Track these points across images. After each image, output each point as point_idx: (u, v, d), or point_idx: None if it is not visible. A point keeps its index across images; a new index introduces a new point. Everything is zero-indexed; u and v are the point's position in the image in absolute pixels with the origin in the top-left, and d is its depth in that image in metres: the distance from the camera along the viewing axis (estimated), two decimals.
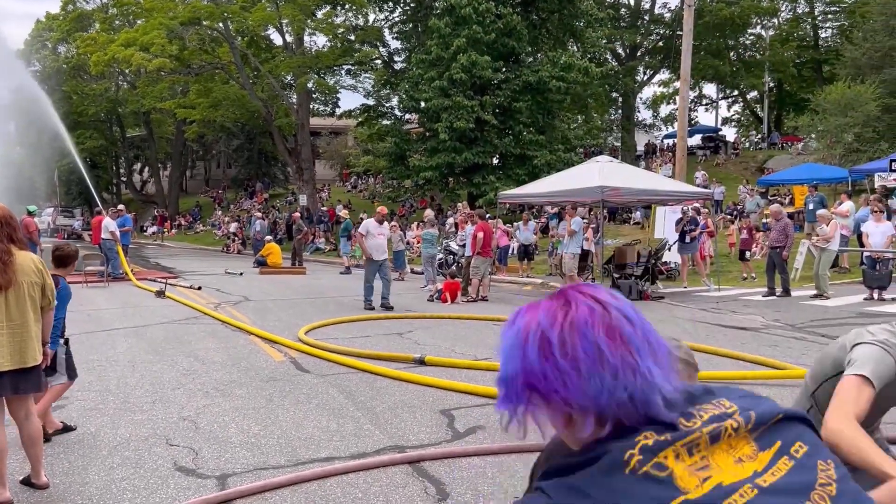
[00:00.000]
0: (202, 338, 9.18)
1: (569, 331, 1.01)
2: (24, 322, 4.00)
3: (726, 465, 0.99)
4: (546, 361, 1.01)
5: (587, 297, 1.05)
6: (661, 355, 1.04)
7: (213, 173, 58.85)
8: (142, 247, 33.60)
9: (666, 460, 0.97)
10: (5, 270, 3.92)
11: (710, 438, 1.00)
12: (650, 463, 0.96)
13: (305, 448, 4.89)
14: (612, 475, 0.96)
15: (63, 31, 41.99)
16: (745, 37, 40.77)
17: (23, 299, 4.01)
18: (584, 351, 1.00)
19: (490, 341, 9.11)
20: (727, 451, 1.01)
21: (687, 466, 0.97)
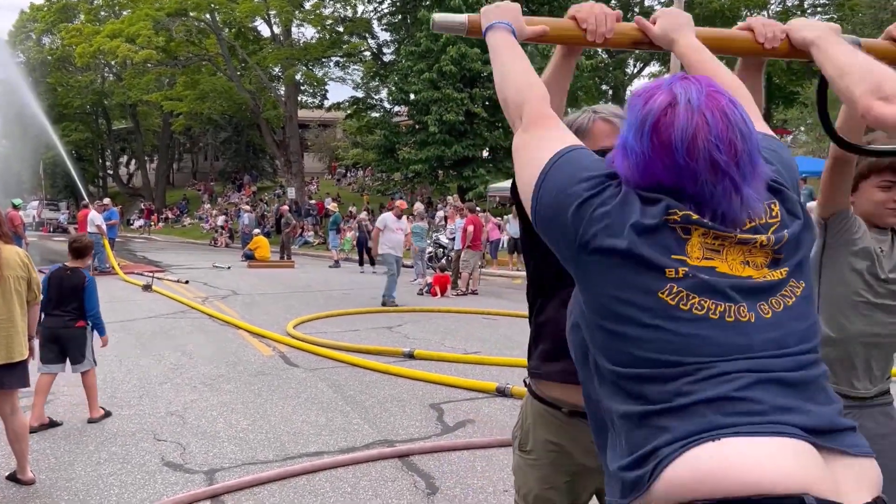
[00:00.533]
0: (190, 332, 9.13)
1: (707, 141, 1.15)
2: (10, 317, 3.99)
3: (732, 260, 1.19)
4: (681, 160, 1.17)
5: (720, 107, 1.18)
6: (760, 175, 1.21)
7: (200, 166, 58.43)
8: (128, 240, 33.35)
9: (694, 231, 1.18)
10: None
11: (737, 241, 1.19)
12: (681, 225, 1.18)
13: (294, 443, 4.87)
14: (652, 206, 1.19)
15: (48, 22, 41.42)
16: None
17: (9, 294, 4.00)
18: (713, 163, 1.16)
19: (480, 335, 9.12)
20: (742, 252, 1.20)
21: (703, 242, 1.18)
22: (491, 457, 4.58)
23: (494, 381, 6.28)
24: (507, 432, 5.05)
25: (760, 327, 1.16)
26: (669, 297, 1.15)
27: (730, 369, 1.12)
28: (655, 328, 1.15)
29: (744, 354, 1.13)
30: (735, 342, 1.14)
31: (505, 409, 5.65)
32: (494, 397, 5.95)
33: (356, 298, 12.74)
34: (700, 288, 1.15)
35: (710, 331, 1.14)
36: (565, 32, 1.68)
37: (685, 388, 1.12)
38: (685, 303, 1.15)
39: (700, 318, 1.14)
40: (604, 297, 1.20)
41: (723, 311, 1.15)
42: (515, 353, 7.79)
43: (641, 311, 1.16)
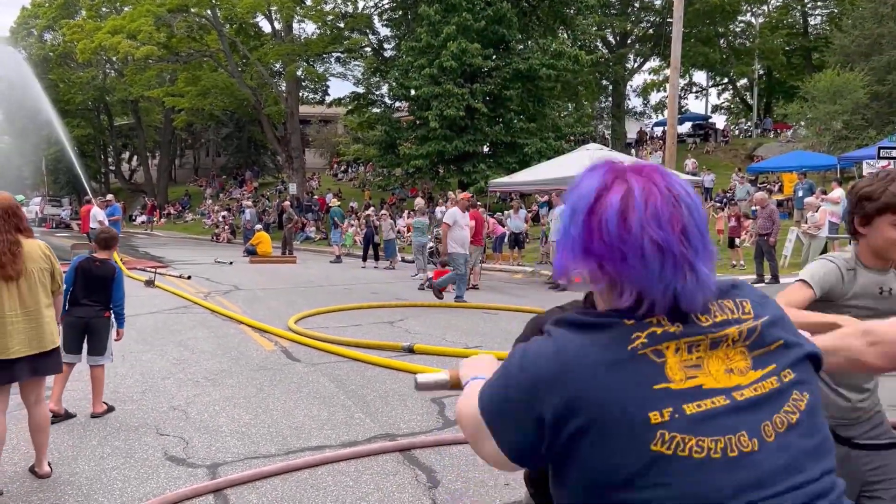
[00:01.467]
0: (192, 327, 9.16)
1: (644, 216, 1.08)
2: (38, 308, 4.09)
3: (717, 372, 1.10)
4: (616, 238, 1.08)
5: (659, 184, 1.11)
6: (711, 253, 1.12)
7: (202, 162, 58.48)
8: (131, 236, 33.40)
9: (666, 350, 1.09)
10: (15, 261, 3.99)
11: (710, 343, 1.10)
12: (651, 348, 1.08)
13: (296, 437, 4.90)
14: (617, 344, 1.08)
15: (49, 19, 41.46)
16: (735, 24, 40.77)
17: (35, 286, 4.10)
18: (653, 239, 1.07)
19: (480, 329, 9.14)
20: (722, 360, 1.11)
21: (681, 361, 1.09)
22: None
23: None
24: None
25: (767, 455, 1.07)
26: (664, 447, 1.04)
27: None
28: (656, 487, 1.04)
29: (753, 492, 1.05)
30: (742, 480, 1.05)
31: None
32: None
33: (358, 293, 12.77)
34: (692, 426, 1.05)
35: (715, 474, 1.04)
36: None
37: None
38: (682, 449, 1.04)
39: (702, 463, 1.04)
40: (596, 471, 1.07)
41: (723, 447, 1.05)
42: None
43: (637, 475, 1.04)
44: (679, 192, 1.11)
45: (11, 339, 3.95)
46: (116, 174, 54.00)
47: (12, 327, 3.96)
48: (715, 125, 43.86)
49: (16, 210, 4.09)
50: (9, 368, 4.00)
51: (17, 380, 4.07)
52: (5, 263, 3.93)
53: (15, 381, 4.08)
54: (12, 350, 3.95)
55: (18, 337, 3.98)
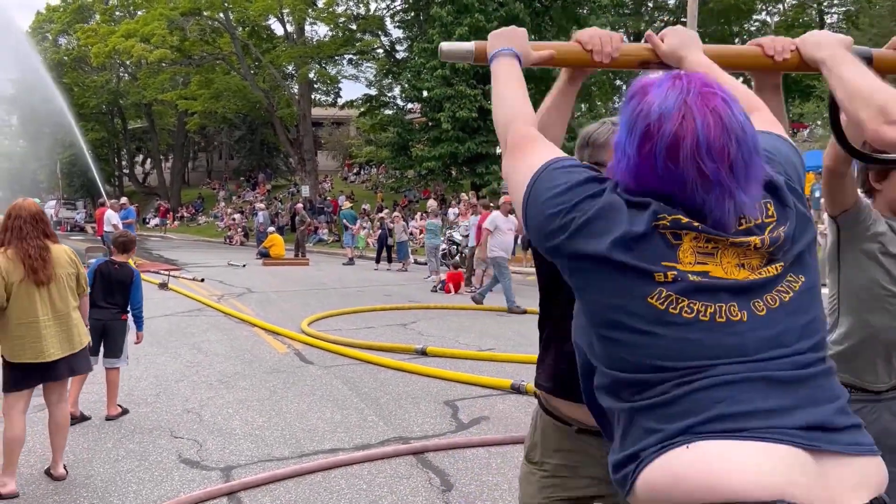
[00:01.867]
0: (206, 330, 9.19)
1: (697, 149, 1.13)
2: (67, 311, 4.22)
3: (728, 264, 1.17)
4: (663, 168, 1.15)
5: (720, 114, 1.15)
6: (755, 180, 1.18)
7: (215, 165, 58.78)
8: (145, 239, 33.61)
9: (685, 235, 1.16)
10: (45, 266, 4.10)
11: (730, 244, 1.17)
12: (671, 231, 1.16)
13: (310, 439, 4.89)
14: (641, 212, 1.17)
15: (63, 23, 41.84)
16: (750, 23, 40.45)
17: (63, 290, 4.21)
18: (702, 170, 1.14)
19: (494, 331, 9.11)
20: (737, 255, 1.18)
21: (695, 246, 1.16)
22: (506, 454, 4.57)
23: (509, 377, 6.28)
24: (522, 429, 5.05)
25: (753, 326, 1.14)
26: (658, 301, 1.14)
27: (719, 372, 1.11)
28: (646, 333, 1.15)
29: (736, 356, 1.12)
30: (726, 343, 1.13)
31: (520, 405, 5.64)
32: (509, 394, 5.94)
33: (371, 295, 12.77)
34: (690, 291, 1.14)
35: (701, 333, 1.13)
36: (571, 55, 1.69)
37: (673, 391, 1.12)
38: (675, 307, 1.14)
39: (690, 322, 1.13)
40: (597, 305, 1.22)
41: (713, 311, 1.14)
42: (529, 349, 7.78)
43: (632, 317, 1.16)
44: (735, 126, 1.15)
45: (46, 343, 4.06)
46: (130, 177, 54.38)
47: (46, 331, 4.07)
48: None
49: (42, 216, 4.22)
50: (46, 371, 4.12)
51: (54, 380, 4.19)
52: (37, 269, 4.05)
53: (51, 381, 4.19)
54: (48, 353, 4.07)
55: (52, 340, 4.09)
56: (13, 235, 4.02)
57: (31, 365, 4.05)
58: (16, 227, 4.05)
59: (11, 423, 4.03)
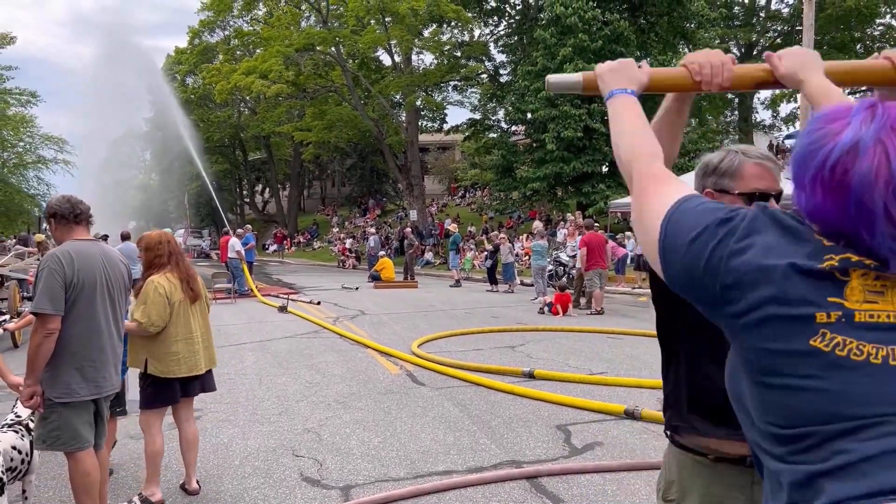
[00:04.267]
0: (322, 351, 9.54)
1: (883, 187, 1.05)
2: (208, 329, 4.63)
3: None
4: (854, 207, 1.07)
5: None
6: None
7: (328, 192, 61.15)
8: (264, 264, 35.34)
9: (853, 272, 1.08)
10: (196, 283, 4.56)
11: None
12: (838, 269, 1.08)
13: (423, 460, 4.98)
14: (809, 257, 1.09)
15: (191, 64, 45.05)
16: (873, 28, 38.02)
17: (204, 310, 4.64)
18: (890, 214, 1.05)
19: (605, 355, 8.95)
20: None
21: (864, 284, 1.07)
22: (621, 481, 4.49)
23: (621, 402, 6.15)
24: (637, 455, 4.94)
25: None
26: (823, 343, 1.05)
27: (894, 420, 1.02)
28: (810, 378, 1.06)
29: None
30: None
31: (634, 431, 5.51)
32: (623, 419, 5.82)
33: (478, 317, 12.85)
34: (856, 330, 1.05)
35: (872, 378, 1.03)
36: (679, 82, 1.65)
37: (845, 445, 1.03)
38: (842, 348, 1.04)
39: (860, 365, 1.04)
40: (752, 350, 1.12)
41: (885, 355, 1.04)
42: (643, 373, 7.59)
43: (793, 362, 1.07)
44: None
45: (199, 357, 4.44)
46: (251, 205, 57.44)
47: (198, 345, 4.45)
48: None
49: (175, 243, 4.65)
50: (194, 383, 4.50)
51: (191, 395, 4.54)
52: (194, 287, 4.49)
53: (190, 396, 4.53)
54: (200, 367, 4.46)
55: (202, 355, 4.48)
56: (170, 259, 4.45)
57: (179, 380, 4.38)
58: (172, 252, 4.48)
59: (153, 437, 4.34)
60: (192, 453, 4.54)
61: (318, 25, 35.18)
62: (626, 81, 1.57)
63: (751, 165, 1.83)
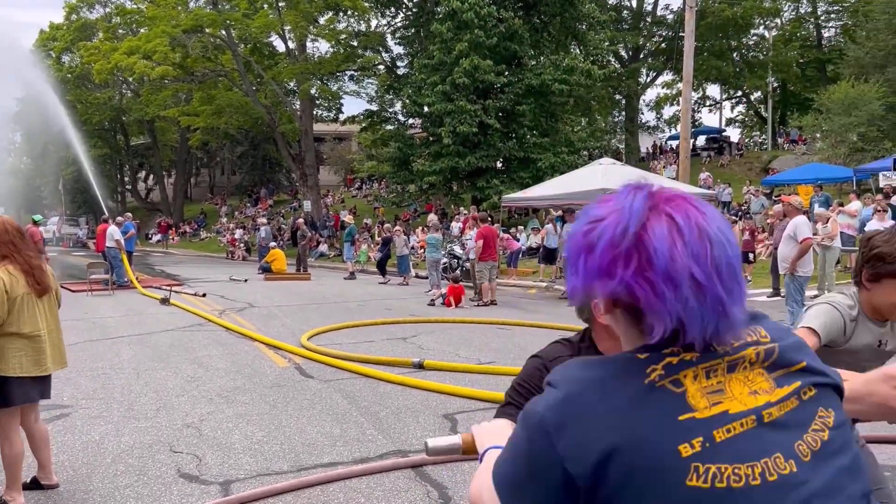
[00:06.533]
0: (207, 345, 9.20)
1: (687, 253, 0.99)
2: (57, 326, 4.22)
3: (741, 395, 1.02)
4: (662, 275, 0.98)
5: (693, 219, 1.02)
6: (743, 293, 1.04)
7: (217, 180, 59.04)
8: (147, 254, 33.70)
9: (684, 379, 1.01)
10: (44, 275, 4.11)
11: (728, 366, 1.03)
12: (668, 379, 1.00)
13: (308, 453, 4.90)
14: (632, 379, 1.00)
15: (67, 41, 42.17)
16: (747, 37, 40.66)
17: (54, 305, 4.23)
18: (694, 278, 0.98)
19: (494, 345, 9.11)
20: (743, 382, 1.03)
21: (701, 388, 1.01)
22: None
23: None
24: None
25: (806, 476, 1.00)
26: (700, 480, 0.95)
27: None
28: None
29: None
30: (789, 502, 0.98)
31: None
32: None
33: (372, 309, 12.78)
34: (725, 454, 0.97)
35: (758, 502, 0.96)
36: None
37: None
38: (720, 479, 0.96)
39: (741, 492, 0.96)
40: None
41: (761, 471, 0.98)
42: None
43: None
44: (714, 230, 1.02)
45: (46, 356, 4.06)
46: (133, 193, 54.59)
47: (45, 344, 4.06)
48: (729, 138, 43.67)
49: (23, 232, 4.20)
50: (39, 386, 4.09)
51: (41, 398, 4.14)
52: (39, 279, 4.05)
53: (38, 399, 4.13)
54: (48, 367, 4.07)
55: (49, 353, 4.09)
56: (9, 250, 3.98)
57: (33, 379, 4.01)
58: (9, 242, 4.00)
59: (11, 441, 4.01)
60: (47, 451, 4.26)
61: (208, 7, 33.80)
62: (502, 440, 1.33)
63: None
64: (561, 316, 11.43)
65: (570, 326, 10.16)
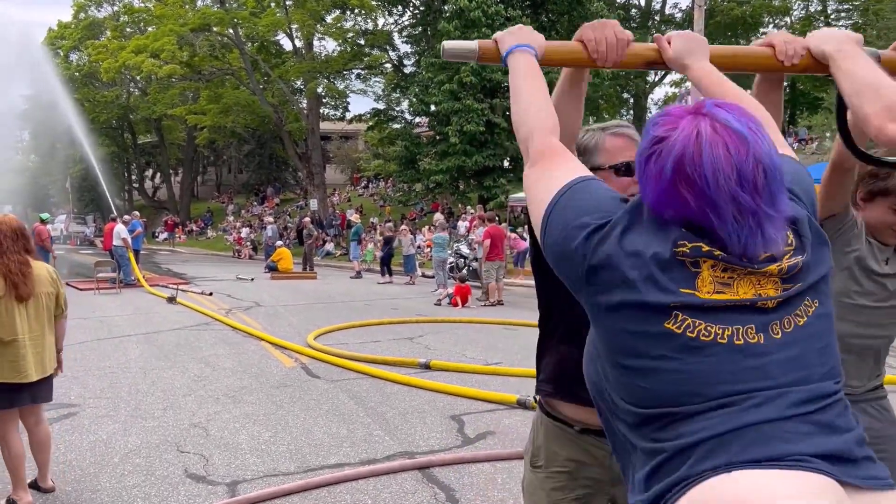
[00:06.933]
0: (213, 344, 9.21)
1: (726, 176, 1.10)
2: (42, 333, 4.10)
3: (744, 294, 1.13)
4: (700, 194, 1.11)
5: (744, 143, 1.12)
6: (782, 213, 1.15)
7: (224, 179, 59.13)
8: (154, 253, 33.79)
9: (703, 263, 1.13)
10: (26, 281, 4.00)
11: (747, 272, 1.14)
12: (690, 258, 1.13)
13: (315, 454, 4.89)
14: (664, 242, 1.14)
15: (75, 39, 42.28)
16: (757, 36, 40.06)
17: (41, 310, 4.10)
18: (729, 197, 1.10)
19: (500, 345, 9.09)
20: (753, 285, 1.14)
21: (714, 275, 1.13)
22: (512, 469, 4.55)
23: (515, 392, 6.26)
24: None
25: (771, 349, 1.11)
26: (675, 325, 1.11)
27: (741, 399, 1.08)
28: (663, 359, 1.11)
29: (756, 380, 1.09)
30: (745, 366, 1.10)
31: (526, 420, 5.62)
32: (515, 409, 5.92)
33: (378, 309, 12.78)
34: (704, 313, 1.11)
35: (719, 357, 1.10)
36: (574, 57, 1.64)
37: (696, 424, 1.09)
38: (692, 330, 1.10)
39: (707, 345, 1.10)
40: (611, 331, 1.18)
41: (730, 334, 1.10)
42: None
43: (648, 343, 1.13)
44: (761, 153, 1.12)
45: (26, 363, 3.96)
46: (140, 191, 54.75)
47: (24, 350, 3.97)
48: None
49: (23, 231, 4.13)
50: (18, 392, 4.00)
51: (21, 404, 4.08)
52: (17, 284, 3.95)
53: (19, 405, 4.08)
54: (28, 374, 3.97)
55: (29, 360, 3.99)
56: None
57: (13, 385, 3.95)
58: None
59: (7, 443, 4.01)
60: (44, 454, 4.23)
61: (215, 5, 33.87)
62: (527, 41, 1.57)
63: (610, 138, 1.86)
64: None
65: None
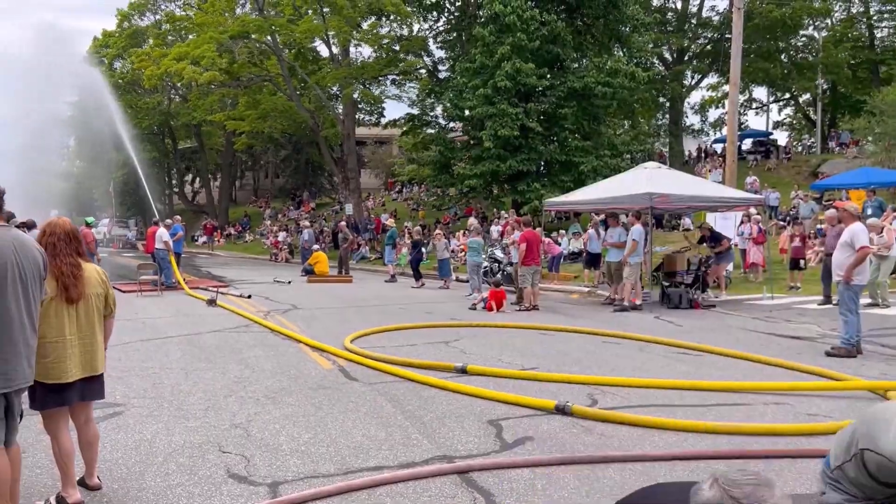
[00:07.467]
0: (252, 346, 9.33)
1: None
2: (92, 332, 4.19)
3: None
4: None
5: None
6: None
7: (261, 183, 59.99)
8: (193, 256, 34.38)
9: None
10: (76, 284, 4.09)
11: None
12: None
13: (354, 456, 4.92)
14: None
15: (119, 48, 43.38)
16: (797, 38, 39.72)
17: (91, 311, 4.19)
18: None
19: (536, 350, 9.05)
20: None
21: None
22: (551, 475, 4.53)
23: (553, 397, 6.23)
24: (567, 450, 5.00)
25: None
26: None
27: None
28: None
29: None
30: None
31: (564, 426, 5.59)
32: (553, 415, 5.89)
33: (413, 312, 12.82)
34: None
35: None
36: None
37: None
38: None
39: None
40: None
41: None
42: (573, 369, 7.71)
43: None
44: None
45: (70, 363, 4.04)
46: (180, 196, 55.79)
47: (71, 350, 4.05)
48: (776, 141, 42.70)
49: (76, 234, 4.21)
50: (65, 392, 4.08)
51: (69, 403, 4.16)
52: (68, 286, 4.04)
53: (68, 404, 4.16)
54: (71, 374, 4.05)
55: (74, 360, 4.07)
56: (48, 253, 3.98)
57: (62, 385, 4.03)
58: (50, 245, 4.03)
59: (58, 440, 4.10)
60: (90, 452, 4.33)
61: (254, 13, 34.41)
62: None
63: None
64: (603, 321, 11.31)
65: (612, 333, 10.04)
